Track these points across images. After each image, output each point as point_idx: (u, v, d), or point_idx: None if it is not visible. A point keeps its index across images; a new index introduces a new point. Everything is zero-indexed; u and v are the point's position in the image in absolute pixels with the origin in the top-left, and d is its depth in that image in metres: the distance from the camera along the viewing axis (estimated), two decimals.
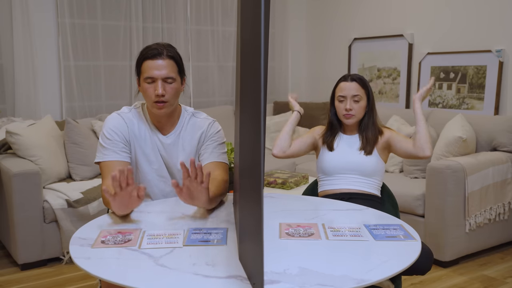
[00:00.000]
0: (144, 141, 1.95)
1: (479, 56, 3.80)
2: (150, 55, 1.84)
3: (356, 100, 2.20)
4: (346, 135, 2.29)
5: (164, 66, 1.84)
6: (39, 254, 3.08)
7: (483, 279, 2.96)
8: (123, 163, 1.87)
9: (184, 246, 1.44)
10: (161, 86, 1.83)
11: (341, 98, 2.23)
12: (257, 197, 1.03)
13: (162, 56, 1.84)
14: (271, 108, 4.94)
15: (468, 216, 3.10)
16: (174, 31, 4.51)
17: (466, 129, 3.36)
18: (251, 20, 1.12)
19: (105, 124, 1.93)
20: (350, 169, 2.21)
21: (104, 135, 1.89)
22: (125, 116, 1.94)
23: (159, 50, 1.84)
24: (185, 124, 2.00)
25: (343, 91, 2.22)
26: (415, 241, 1.51)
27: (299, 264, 1.30)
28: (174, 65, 1.87)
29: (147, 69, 1.84)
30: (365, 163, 2.20)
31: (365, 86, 2.23)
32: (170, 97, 1.86)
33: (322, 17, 5.20)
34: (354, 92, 2.20)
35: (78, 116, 4.07)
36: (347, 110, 2.20)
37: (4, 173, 3.08)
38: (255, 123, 1.05)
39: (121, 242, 1.47)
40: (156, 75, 1.83)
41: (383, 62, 4.58)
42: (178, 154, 1.98)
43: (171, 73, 1.85)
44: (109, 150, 1.87)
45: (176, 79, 1.87)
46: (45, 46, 3.94)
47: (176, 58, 1.89)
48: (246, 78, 1.22)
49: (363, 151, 2.22)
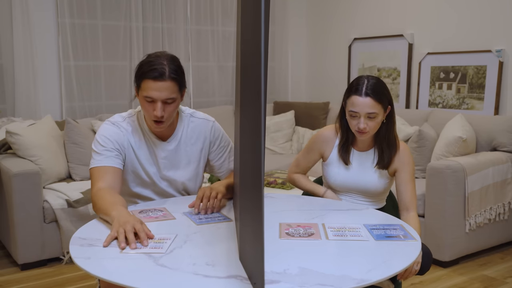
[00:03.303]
0: (139, 150, 1.91)
1: (479, 56, 3.80)
2: (151, 76, 1.73)
3: (371, 117, 1.90)
4: (358, 152, 2.05)
5: (166, 88, 1.74)
6: (39, 254, 3.07)
7: (483, 279, 2.96)
8: (114, 169, 1.83)
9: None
10: (161, 108, 1.75)
11: (354, 113, 1.91)
12: (257, 197, 1.03)
13: (164, 78, 1.73)
14: (271, 108, 4.94)
15: (468, 216, 3.10)
16: (174, 31, 4.51)
17: (466, 129, 3.36)
18: (251, 20, 1.12)
19: (98, 132, 1.88)
20: (357, 190, 2.05)
21: (98, 142, 1.85)
22: (119, 125, 1.90)
23: (161, 71, 1.73)
24: (185, 126, 1.97)
25: (355, 106, 1.90)
26: (415, 241, 1.51)
27: (299, 264, 1.30)
28: (175, 86, 1.77)
29: (147, 89, 1.75)
30: (374, 186, 2.02)
31: (381, 100, 1.90)
32: (169, 116, 1.81)
33: (322, 17, 5.20)
34: (368, 109, 1.88)
35: (78, 116, 4.07)
36: (360, 129, 1.92)
37: (4, 173, 3.08)
38: (255, 123, 1.05)
39: None
40: (156, 96, 1.75)
41: (383, 62, 4.58)
42: (181, 158, 1.96)
43: (172, 94, 1.76)
44: (102, 155, 1.83)
45: (176, 98, 1.80)
46: (45, 46, 3.94)
47: (178, 77, 1.78)
48: (246, 78, 1.22)
49: (378, 166, 2.00)
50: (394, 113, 2.00)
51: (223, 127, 2.13)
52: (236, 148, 1.61)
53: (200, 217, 1.71)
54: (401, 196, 1.98)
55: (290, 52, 5.36)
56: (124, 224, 1.49)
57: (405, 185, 1.97)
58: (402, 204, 1.98)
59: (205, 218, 1.70)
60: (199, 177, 2.04)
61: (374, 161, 2.02)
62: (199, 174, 2.03)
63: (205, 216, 1.72)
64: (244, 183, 1.27)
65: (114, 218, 1.54)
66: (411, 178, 1.98)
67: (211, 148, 2.01)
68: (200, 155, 2.00)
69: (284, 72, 5.32)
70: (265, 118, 1.10)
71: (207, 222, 1.67)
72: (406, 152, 2.01)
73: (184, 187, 2.01)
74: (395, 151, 1.99)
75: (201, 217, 1.71)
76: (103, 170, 1.81)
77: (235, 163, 1.68)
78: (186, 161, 1.97)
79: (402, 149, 2.01)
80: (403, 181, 1.98)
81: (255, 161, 1.06)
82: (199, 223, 1.65)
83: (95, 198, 1.72)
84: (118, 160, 1.85)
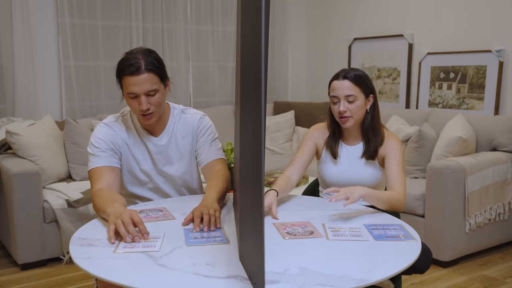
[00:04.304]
0: (134, 147, 1.93)
1: (479, 56, 3.80)
2: (128, 72, 1.76)
3: (350, 100, 1.94)
4: (348, 146, 2.07)
5: (145, 80, 1.76)
6: (39, 254, 3.07)
7: (483, 279, 2.96)
8: (112, 168, 1.85)
9: (184, 245, 1.44)
10: (145, 101, 1.78)
11: (334, 99, 1.97)
12: (258, 197, 1.03)
13: (140, 71, 1.75)
14: (271, 108, 4.94)
15: (468, 216, 3.10)
16: (174, 31, 4.51)
17: (466, 129, 3.36)
18: (251, 20, 1.12)
19: (92, 134, 1.91)
20: (353, 185, 1.99)
21: (92, 144, 1.88)
22: (112, 125, 1.93)
23: (136, 65, 1.75)
24: (176, 122, 1.99)
25: (335, 90, 1.96)
26: (415, 241, 1.51)
27: (299, 264, 1.30)
28: (154, 77, 1.79)
29: (127, 86, 1.78)
30: (367, 179, 2.02)
31: (360, 83, 1.95)
32: (156, 107, 1.83)
33: (322, 17, 5.20)
34: (347, 91, 1.93)
35: (78, 116, 4.07)
36: (340, 113, 1.95)
37: (4, 173, 3.08)
38: (255, 123, 1.05)
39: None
40: (137, 91, 1.77)
41: (383, 62, 4.58)
42: (174, 153, 1.97)
43: (153, 86, 1.78)
44: (97, 157, 1.85)
45: (159, 89, 1.81)
46: (45, 46, 3.94)
47: (156, 69, 1.79)
48: (246, 78, 1.22)
49: (365, 156, 2.01)
50: (377, 102, 2.03)
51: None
52: (236, 148, 1.61)
53: (196, 235, 1.53)
54: (387, 181, 1.95)
55: (290, 52, 5.36)
56: (120, 216, 1.51)
57: (391, 169, 1.94)
58: (388, 188, 1.94)
59: (200, 237, 1.52)
60: (194, 170, 2.05)
61: (361, 152, 2.03)
62: (193, 167, 2.04)
63: (200, 235, 1.54)
64: (244, 183, 1.27)
65: (110, 214, 1.56)
66: (397, 162, 1.95)
67: (198, 138, 2.01)
68: (190, 148, 2.01)
69: (284, 72, 5.32)
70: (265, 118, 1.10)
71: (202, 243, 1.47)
72: (392, 139, 2.01)
73: (182, 182, 2.02)
74: (381, 140, 2.00)
75: (197, 235, 1.53)
76: (101, 171, 1.83)
77: (236, 163, 1.68)
78: (179, 155, 1.99)
79: (388, 137, 2.02)
80: (389, 167, 1.95)
81: (255, 161, 1.06)
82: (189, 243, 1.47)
83: (94, 198, 1.74)
84: (114, 159, 1.87)
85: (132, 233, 1.47)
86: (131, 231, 1.47)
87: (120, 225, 1.47)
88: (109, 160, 1.86)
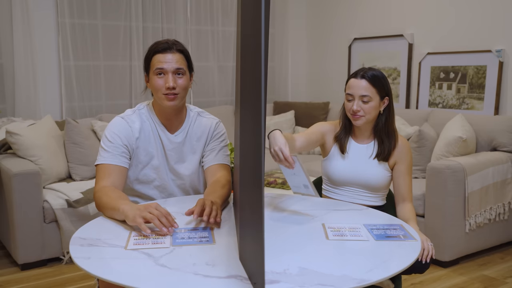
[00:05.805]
0: (148, 140, 1.94)
1: (479, 56, 3.80)
2: (160, 48, 1.88)
3: (365, 101, 1.95)
4: (357, 144, 2.07)
5: (175, 59, 1.88)
6: (39, 254, 3.07)
7: (483, 279, 2.96)
8: (120, 168, 1.86)
9: (172, 246, 1.44)
10: (172, 78, 1.86)
11: (349, 97, 1.99)
12: (258, 197, 1.03)
13: (172, 50, 1.88)
14: (271, 108, 4.94)
15: (468, 216, 3.10)
16: (174, 31, 4.51)
17: (466, 129, 3.36)
18: (251, 20, 1.12)
19: (108, 127, 1.91)
20: (358, 184, 2.05)
21: (106, 138, 1.88)
22: (128, 119, 1.93)
23: (169, 45, 1.89)
24: (192, 122, 2.02)
25: (351, 88, 1.98)
26: (415, 241, 1.51)
27: (299, 264, 1.30)
28: (183, 59, 1.91)
29: (157, 63, 1.87)
30: (375, 179, 2.02)
31: (377, 84, 1.95)
32: (181, 90, 1.89)
33: (322, 17, 5.20)
34: (363, 91, 1.95)
35: (78, 116, 4.07)
36: (353, 111, 1.97)
37: (4, 173, 3.08)
38: (255, 123, 1.05)
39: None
40: (166, 67, 1.86)
41: (383, 62, 4.58)
42: (187, 152, 1.99)
43: (181, 65, 1.89)
44: (109, 153, 1.86)
45: (185, 72, 1.91)
46: (45, 46, 3.94)
47: (186, 53, 1.94)
48: (246, 78, 1.22)
49: (378, 158, 2.01)
50: (392, 105, 2.04)
51: None
52: (236, 148, 1.61)
53: (183, 236, 1.51)
54: (398, 188, 2.03)
55: (290, 52, 5.36)
56: (148, 208, 1.53)
57: (403, 177, 2.02)
58: (399, 195, 2.03)
59: (187, 237, 1.50)
60: (200, 171, 2.06)
61: (374, 153, 2.04)
62: (200, 168, 2.05)
63: (188, 235, 1.52)
64: (244, 183, 1.27)
65: (127, 210, 1.57)
66: (408, 170, 2.03)
67: (211, 141, 2.03)
68: (202, 150, 2.03)
69: (284, 72, 5.32)
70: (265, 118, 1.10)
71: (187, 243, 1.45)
72: (405, 145, 2.05)
73: (190, 182, 2.02)
74: (395, 143, 2.03)
75: (184, 235, 1.51)
76: (109, 169, 1.84)
77: (235, 163, 1.68)
78: (191, 155, 2.01)
79: (401, 143, 2.05)
80: (401, 173, 2.03)
81: (255, 161, 1.06)
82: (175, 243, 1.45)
83: (99, 194, 1.74)
84: (124, 159, 1.88)
85: (166, 224, 1.50)
86: (164, 222, 1.50)
87: (153, 218, 1.50)
88: (119, 159, 1.86)
